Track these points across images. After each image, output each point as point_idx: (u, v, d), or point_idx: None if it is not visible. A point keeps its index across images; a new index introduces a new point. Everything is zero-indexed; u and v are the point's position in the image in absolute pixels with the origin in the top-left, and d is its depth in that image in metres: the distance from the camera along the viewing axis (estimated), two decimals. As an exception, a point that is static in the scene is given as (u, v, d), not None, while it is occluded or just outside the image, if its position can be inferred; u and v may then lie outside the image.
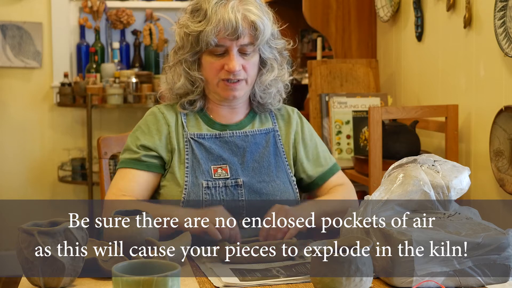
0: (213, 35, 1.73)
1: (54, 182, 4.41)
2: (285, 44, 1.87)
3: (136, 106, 4.16)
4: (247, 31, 1.74)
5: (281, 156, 1.85)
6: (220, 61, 1.77)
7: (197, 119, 1.86)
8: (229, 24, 1.71)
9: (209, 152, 1.80)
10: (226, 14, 1.72)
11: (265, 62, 1.83)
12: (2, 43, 4.29)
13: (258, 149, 1.84)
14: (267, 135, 1.86)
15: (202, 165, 1.78)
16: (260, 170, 1.81)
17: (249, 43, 1.76)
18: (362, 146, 2.98)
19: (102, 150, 2.09)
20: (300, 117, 1.94)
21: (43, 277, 1.30)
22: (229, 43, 1.74)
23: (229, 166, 1.79)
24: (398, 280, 1.33)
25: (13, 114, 4.37)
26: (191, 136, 1.81)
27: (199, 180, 1.76)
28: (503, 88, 2.47)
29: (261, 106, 1.89)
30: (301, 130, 1.91)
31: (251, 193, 1.78)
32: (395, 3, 3.28)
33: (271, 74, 1.83)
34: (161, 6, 4.53)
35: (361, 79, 3.34)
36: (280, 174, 1.83)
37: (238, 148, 1.82)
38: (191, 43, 1.78)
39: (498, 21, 2.41)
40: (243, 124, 1.87)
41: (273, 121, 1.90)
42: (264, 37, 1.76)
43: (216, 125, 1.85)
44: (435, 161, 1.53)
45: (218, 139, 1.82)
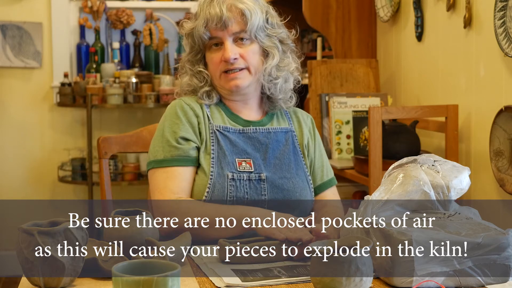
0: (202, 28, 1.80)
1: (54, 182, 4.41)
2: (287, 34, 1.90)
3: (136, 106, 4.16)
4: (237, 19, 1.80)
5: (299, 155, 1.89)
6: (218, 54, 1.82)
7: (220, 112, 1.88)
8: (215, 15, 1.79)
9: (234, 145, 1.82)
10: (211, 8, 1.80)
11: (266, 51, 1.86)
12: (2, 43, 4.29)
13: (279, 146, 1.86)
14: (286, 134, 1.89)
15: (228, 156, 1.79)
16: (281, 166, 1.83)
17: (241, 30, 1.81)
18: (362, 146, 2.98)
19: (102, 150, 2.09)
20: (313, 124, 1.97)
21: (43, 277, 1.30)
22: (221, 33, 1.81)
23: (252, 161, 1.81)
24: (398, 280, 1.33)
25: (13, 114, 4.37)
26: (217, 128, 1.83)
27: (224, 171, 1.77)
28: (503, 88, 2.47)
29: (272, 103, 1.91)
30: (314, 137, 1.95)
31: (273, 188, 1.79)
32: (395, 3, 3.28)
33: (272, 61, 1.85)
34: (161, 6, 4.53)
35: (361, 79, 3.34)
36: (299, 172, 1.85)
37: (261, 144, 1.84)
38: (190, 43, 1.86)
39: (498, 21, 2.41)
40: (264, 121, 1.90)
41: (289, 122, 1.93)
42: (253, 23, 1.80)
43: (239, 120, 1.87)
44: (435, 161, 1.53)
45: (241, 134, 1.84)
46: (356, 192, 3.22)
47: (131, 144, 2.12)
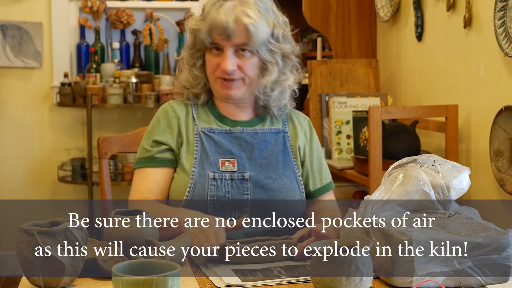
0: (206, 34, 1.79)
1: (54, 182, 4.41)
2: (293, 49, 1.86)
3: (136, 106, 4.16)
4: (241, 33, 1.76)
5: (290, 156, 1.87)
6: (217, 59, 1.81)
7: (207, 113, 1.88)
8: (220, 25, 1.76)
9: (218, 146, 1.82)
10: (218, 15, 1.76)
11: (265, 65, 1.83)
12: (2, 43, 4.29)
13: (267, 146, 1.85)
14: (277, 135, 1.88)
15: (210, 157, 1.80)
16: (268, 166, 1.82)
17: (243, 43, 1.77)
18: (362, 146, 2.98)
19: (102, 150, 2.09)
20: (311, 127, 1.95)
21: (43, 277, 1.30)
22: (223, 43, 1.78)
23: (237, 160, 1.81)
24: (398, 280, 1.33)
25: (13, 114, 4.37)
26: (202, 130, 1.83)
27: (206, 171, 1.78)
28: (503, 88, 2.47)
29: (265, 109, 1.90)
30: (311, 139, 1.93)
31: (256, 188, 1.79)
32: (395, 3, 3.28)
33: (269, 78, 1.83)
34: (161, 6, 4.53)
35: (361, 79, 3.34)
36: (288, 173, 1.84)
37: (247, 143, 1.84)
38: (191, 41, 1.86)
39: (498, 21, 2.41)
40: (253, 122, 1.88)
41: (284, 123, 1.91)
42: (257, 40, 1.77)
43: (227, 121, 1.87)
44: (435, 161, 1.53)
45: (228, 134, 1.84)
46: (356, 192, 3.22)
47: (131, 144, 2.12)
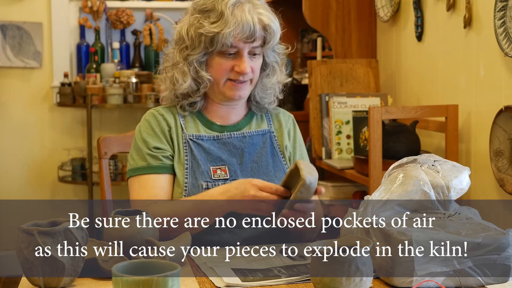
0: (231, 37, 1.73)
1: (54, 182, 4.41)
2: (284, 49, 1.90)
3: (136, 106, 4.16)
4: (260, 34, 1.77)
5: (278, 156, 1.87)
6: (230, 62, 1.78)
7: (195, 120, 1.86)
8: (248, 27, 1.73)
9: (208, 153, 1.81)
10: (244, 16, 1.73)
11: (267, 65, 1.85)
12: (2, 43, 4.29)
13: (256, 149, 1.85)
14: (264, 136, 1.88)
15: (202, 166, 1.78)
16: (259, 170, 1.82)
17: (259, 45, 1.78)
18: (362, 146, 2.98)
19: (102, 150, 2.09)
20: (295, 125, 1.96)
21: (43, 277, 1.30)
22: (242, 45, 1.76)
23: (228, 167, 1.80)
24: (398, 280, 1.33)
25: (13, 114, 4.37)
26: (190, 138, 1.82)
27: (198, 181, 1.77)
28: (503, 88, 2.47)
29: (258, 105, 1.91)
30: (294, 137, 1.93)
31: None
32: (395, 3, 3.28)
33: (274, 78, 1.86)
34: (161, 6, 4.53)
35: (361, 79, 3.34)
36: (278, 174, 1.84)
37: (237, 149, 1.83)
38: (204, 44, 1.77)
39: (498, 21, 2.41)
40: (240, 125, 1.88)
41: (269, 123, 1.91)
42: (274, 41, 1.79)
43: (214, 127, 1.86)
44: (435, 161, 1.53)
45: (216, 141, 1.83)
46: (356, 192, 3.22)
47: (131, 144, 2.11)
